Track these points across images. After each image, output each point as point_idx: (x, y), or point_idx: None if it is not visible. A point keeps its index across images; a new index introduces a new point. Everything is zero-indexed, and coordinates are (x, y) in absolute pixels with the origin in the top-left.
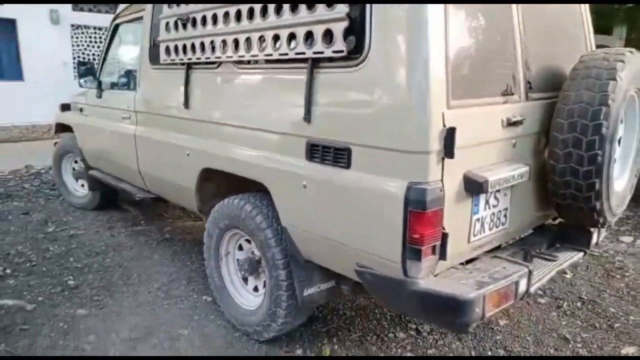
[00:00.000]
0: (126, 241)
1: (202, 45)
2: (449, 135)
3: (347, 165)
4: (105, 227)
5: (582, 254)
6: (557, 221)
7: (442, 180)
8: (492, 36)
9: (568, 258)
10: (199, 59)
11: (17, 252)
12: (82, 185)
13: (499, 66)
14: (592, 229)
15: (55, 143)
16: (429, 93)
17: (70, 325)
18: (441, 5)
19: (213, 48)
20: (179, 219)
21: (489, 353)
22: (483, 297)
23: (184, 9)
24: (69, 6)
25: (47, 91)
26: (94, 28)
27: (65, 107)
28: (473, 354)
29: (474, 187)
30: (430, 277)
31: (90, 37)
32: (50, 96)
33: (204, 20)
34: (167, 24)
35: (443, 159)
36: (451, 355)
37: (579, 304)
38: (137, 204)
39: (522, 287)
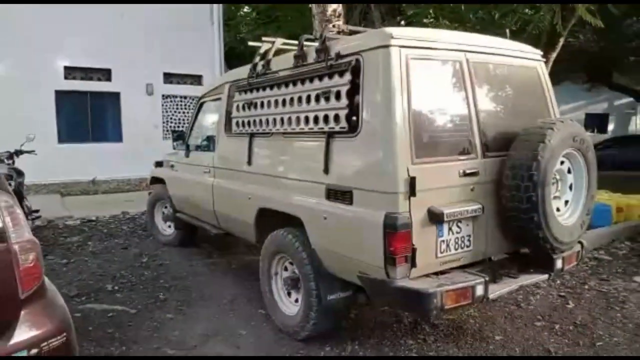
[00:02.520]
0: (202, 270)
1: (261, 121)
2: (412, 182)
3: (350, 202)
4: (186, 258)
5: (546, 276)
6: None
7: (409, 211)
8: (448, 117)
9: (530, 278)
10: (258, 130)
11: (121, 275)
12: (169, 226)
13: (454, 136)
14: (553, 256)
15: (150, 193)
16: (397, 156)
17: (161, 324)
18: (405, 101)
19: (267, 123)
20: (243, 254)
21: None
22: (440, 293)
23: (249, 96)
24: (161, 79)
25: (139, 150)
26: (180, 97)
27: (158, 164)
28: None
29: (434, 217)
30: (406, 279)
31: (176, 104)
32: (142, 154)
33: (262, 105)
34: (238, 105)
35: (409, 197)
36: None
37: (571, 327)
38: (210, 242)
39: (479, 292)
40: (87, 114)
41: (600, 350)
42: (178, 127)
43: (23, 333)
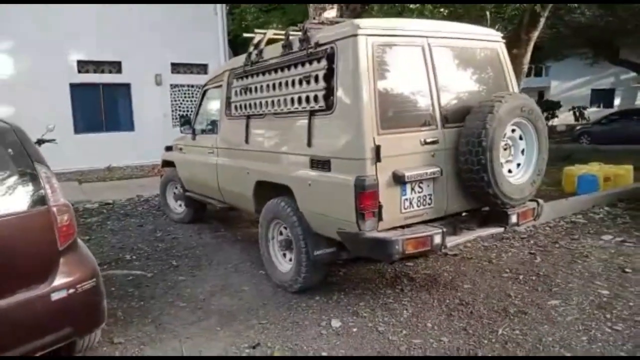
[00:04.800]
0: (210, 241)
1: (255, 104)
2: (377, 150)
3: (329, 169)
4: (196, 233)
5: (502, 229)
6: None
7: (376, 174)
8: (410, 95)
9: (487, 230)
10: (253, 112)
11: (138, 247)
12: (180, 205)
13: (417, 110)
14: (508, 212)
15: (161, 175)
16: (364, 128)
17: (175, 284)
18: (372, 82)
19: (261, 105)
20: (246, 227)
21: (447, 301)
22: (401, 240)
23: (245, 82)
24: (169, 69)
25: (150, 138)
26: (187, 86)
27: (168, 148)
28: (436, 302)
29: (398, 178)
30: (374, 231)
31: (184, 93)
32: (153, 141)
33: (256, 89)
34: (236, 91)
35: (375, 162)
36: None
37: (533, 277)
38: (217, 218)
39: (437, 240)
40: (100, 105)
41: (555, 293)
42: (186, 114)
43: (62, 277)
